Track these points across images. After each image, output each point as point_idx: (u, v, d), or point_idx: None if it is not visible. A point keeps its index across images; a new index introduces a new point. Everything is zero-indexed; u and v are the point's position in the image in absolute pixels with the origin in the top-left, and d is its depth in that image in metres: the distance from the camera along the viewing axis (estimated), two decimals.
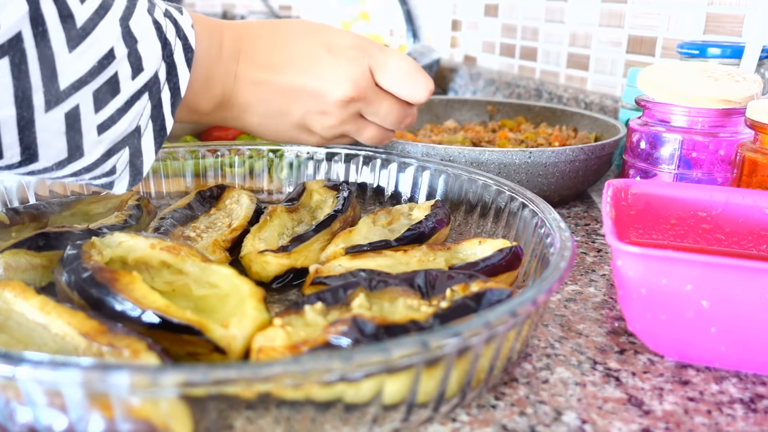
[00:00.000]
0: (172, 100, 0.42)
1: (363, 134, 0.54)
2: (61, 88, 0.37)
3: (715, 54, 0.63)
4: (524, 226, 0.48)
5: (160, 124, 0.42)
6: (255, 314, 0.35)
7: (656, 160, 0.57)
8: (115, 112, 0.39)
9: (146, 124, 0.41)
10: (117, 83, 0.39)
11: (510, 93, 1.13)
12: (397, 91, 0.51)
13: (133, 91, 0.40)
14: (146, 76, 0.40)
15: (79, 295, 0.36)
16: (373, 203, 0.62)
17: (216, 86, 0.47)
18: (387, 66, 0.50)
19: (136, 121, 0.41)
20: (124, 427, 0.26)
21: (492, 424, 0.32)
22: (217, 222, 0.52)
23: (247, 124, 0.51)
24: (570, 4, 1.02)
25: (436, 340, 0.27)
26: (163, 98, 0.42)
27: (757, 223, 0.43)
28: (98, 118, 0.39)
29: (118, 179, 0.42)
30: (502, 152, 0.59)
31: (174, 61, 0.42)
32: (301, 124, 0.51)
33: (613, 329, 0.42)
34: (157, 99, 0.41)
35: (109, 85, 0.39)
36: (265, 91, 0.49)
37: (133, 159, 0.42)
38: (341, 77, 0.49)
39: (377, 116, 0.52)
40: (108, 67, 0.38)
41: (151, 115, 0.41)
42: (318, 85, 0.49)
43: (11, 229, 0.47)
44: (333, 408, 0.28)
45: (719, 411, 0.34)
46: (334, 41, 0.50)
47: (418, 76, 0.51)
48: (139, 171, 0.42)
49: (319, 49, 0.50)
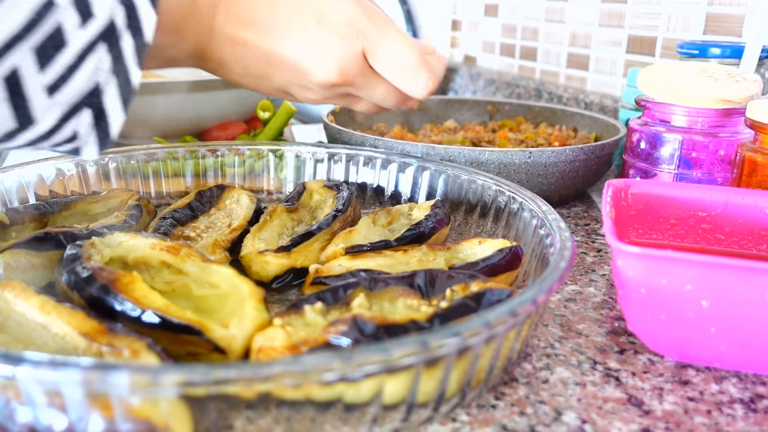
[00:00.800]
0: (136, 49, 0.36)
1: (356, 106, 0.50)
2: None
3: (715, 54, 0.63)
4: (524, 226, 0.48)
5: (124, 77, 0.36)
6: (255, 314, 0.35)
7: (656, 160, 0.57)
8: (65, 70, 0.34)
9: (107, 79, 0.36)
10: (62, 35, 0.33)
11: (510, 93, 1.13)
12: (392, 80, 0.46)
13: (85, 43, 0.34)
14: (99, 24, 0.35)
15: (79, 295, 0.36)
16: (373, 203, 0.62)
17: (188, 38, 0.43)
18: (384, 52, 0.45)
19: (93, 78, 0.35)
20: (124, 427, 0.26)
21: (492, 424, 0.32)
22: (217, 222, 0.52)
23: (226, 78, 0.48)
24: (570, 4, 1.02)
25: (436, 340, 0.27)
26: (124, 47, 0.36)
27: (757, 223, 0.43)
28: (45, 78, 0.34)
29: (83, 144, 0.37)
30: (502, 152, 0.59)
31: (133, 2, 0.36)
32: (282, 89, 0.48)
33: (613, 329, 0.42)
34: (117, 49, 0.36)
35: (52, 39, 0.33)
36: (243, 51, 0.45)
37: (97, 121, 0.36)
38: (326, 59, 0.44)
39: (372, 98, 0.48)
40: (47, 18, 0.33)
41: (112, 68, 0.36)
42: (299, 61, 0.44)
43: (11, 229, 0.47)
44: (333, 408, 0.28)
45: (719, 411, 0.34)
46: (327, 11, 0.45)
47: (418, 69, 0.46)
48: (107, 133, 0.37)
49: (309, 19, 0.44)
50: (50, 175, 0.56)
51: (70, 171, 0.57)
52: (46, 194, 0.55)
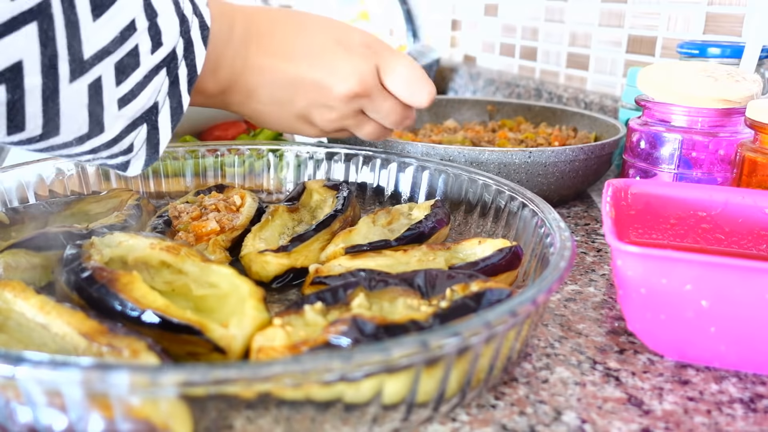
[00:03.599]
0: (188, 77, 0.42)
1: (362, 130, 0.54)
2: (85, 58, 0.36)
3: (715, 54, 0.63)
4: (524, 225, 0.48)
5: (177, 101, 0.42)
6: (255, 314, 0.35)
7: (656, 160, 0.57)
8: (135, 86, 0.39)
9: (164, 101, 0.41)
10: (137, 56, 0.39)
11: (510, 93, 1.13)
12: (400, 94, 0.52)
13: (152, 65, 0.39)
14: (165, 51, 0.40)
15: (78, 295, 0.36)
16: (373, 203, 0.62)
17: (224, 69, 0.47)
18: (394, 69, 0.51)
19: (154, 97, 0.40)
20: (124, 426, 0.26)
21: (492, 423, 0.32)
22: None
23: (249, 111, 0.51)
24: (570, 4, 1.02)
25: (436, 339, 0.27)
26: (180, 75, 0.41)
27: (756, 222, 0.43)
28: (119, 91, 0.38)
29: (134, 158, 0.42)
30: (502, 152, 0.59)
31: (191, 38, 0.42)
32: (303, 115, 0.52)
33: (613, 329, 0.42)
34: (174, 75, 0.41)
35: (130, 58, 0.38)
36: (271, 78, 0.49)
37: (151, 136, 0.41)
38: (348, 72, 0.49)
39: (378, 114, 0.53)
40: (129, 39, 0.38)
41: (168, 91, 0.41)
42: (325, 78, 0.49)
43: (11, 229, 0.47)
44: (333, 408, 0.28)
45: (719, 411, 0.34)
46: (346, 37, 0.51)
47: (423, 82, 0.52)
48: (156, 149, 0.42)
49: (330, 43, 0.50)
50: (50, 175, 0.56)
51: (70, 171, 0.57)
52: (46, 194, 0.55)
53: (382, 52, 0.51)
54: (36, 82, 0.35)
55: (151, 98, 0.40)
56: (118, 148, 0.41)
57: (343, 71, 0.49)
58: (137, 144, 0.41)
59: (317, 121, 0.52)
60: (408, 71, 0.51)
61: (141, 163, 0.42)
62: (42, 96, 0.36)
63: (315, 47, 0.49)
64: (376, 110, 0.52)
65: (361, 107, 0.52)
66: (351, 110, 0.52)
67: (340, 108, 0.51)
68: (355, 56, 0.50)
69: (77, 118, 0.37)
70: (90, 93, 0.37)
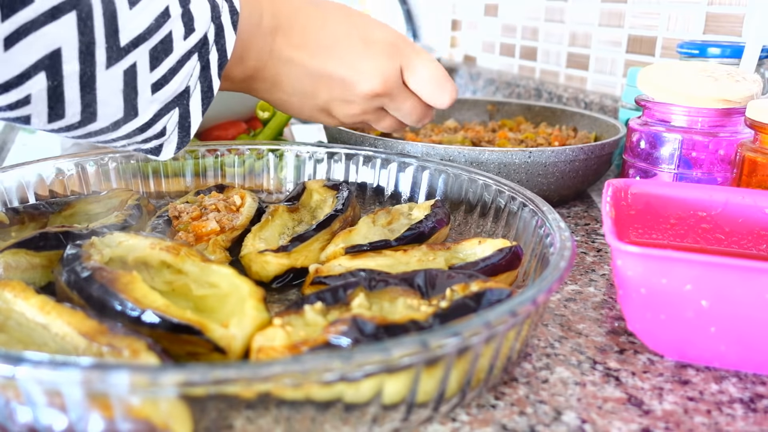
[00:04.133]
0: (219, 62, 0.43)
1: (380, 123, 0.56)
2: (121, 45, 0.37)
3: (715, 54, 0.63)
4: (524, 225, 0.48)
5: (207, 85, 0.43)
6: (255, 314, 0.35)
7: (656, 160, 0.57)
8: (167, 72, 0.40)
9: (195, 85, 0.42)
10: (171, 42, 0.40)
11: (510, 93, 1.13)
12: (422, 94, 0.53)
13: (185, 51, 0.41)
14: (197, 37, 0.41)
15: (79, 295, 0.36)
16: (373, 203, 0.62)
17: (251, 57, 0.48)
18: (417, 69, 0.52)
19: (186, 82, 0.41)
20: (124, 426, 0.26)
21: (492, 423, 0.32)
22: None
23: (273, 99, 0.53)
24: (570, 4, 1.01)
25: (436, 339, 0.27)
26: (210, 60, 0.43)
27: (756, 222, 0.43)
28: (153, 76, 0.40)
29: (167, 142, 0.43)
30: (502, 152, 0.59)
31: (222, 23, 0.43)
32: (324, 108, 0.53)
33: (613, 329, 0.42)
34: (205, 60, 0.42)
35: (163, 44, 0.39)
36: (296, 71, 0.50)
37: (182, 120, 0.43)
38: (372, 71, 0.50)
39: (399, 112, 0.54)
40: (164, 26, 0.39)
41: (199, 75, 0.42)
42: (349, 75, 0.50)
43: (11, 229, 0.47)
44: (333, 408, 0.28)
45: (719, 411, 0.34)
46: (371, 33, 0.51)
47: (445, 83, 0.53)
48: (187, 132, 0.44)
49: (355, 39, 0.51)
50: (50, 175, 0.56)
51: (70, 171, 0.57)
52: (46, 194, 0.55)
53: (406, 51, 0.52)
54: (74, 69, 0.36)
55: (183, 83, 0.41)
56: (151, 132, 0.42)
57: (367, 70, 0.50)
58: (170, 128, 0.42)
59: (338, 114, 0.54)
60: (431, 72, 0.52)
61: (173, 146, 0.44)
62: (80, 82, 0.37)
63: (340, 43, 0.50)
64: (396, 108, 0.54)
65: (382, 105, 0.53)
66: (372, 107, 0.53)
67: (361, 104, 0.52)
68: (380, 55, 0.51)
69: (113, 104, 0.39)
70: (125, 79, 0.38)
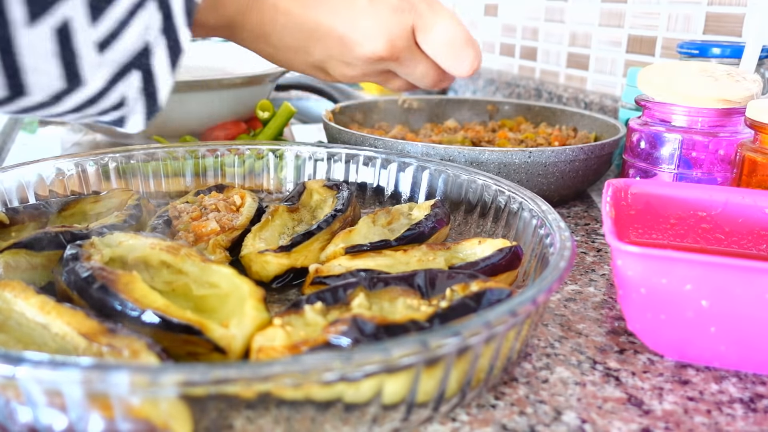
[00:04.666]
0: (186, 7, 0.35)
1: (388, 84, 0.50)
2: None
3: (715, 54, 0.63)
4: (524, 225, 0.48)
5: (173, 39, 0.35)
6: (255, 314, 0.35)
7: (656, 160, 0.57)
8: (116, 25, 0.32)
9: (157, 40, 0.34)
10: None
11: (510, 93, 1.13)
12: (438, 59, 0.45)
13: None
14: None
15: (79, 295, 0.36)
16: (373, 203, 0.62)
17: (227, 4, 0.41)
18: (433, 29, 0.44)
19: (143, 36, 0.33)
20: (124, 426, 0.26)
21: (492, 423, 0.32)
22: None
23: (258, 50, 0.46)
24: (570, 4, 1.02)
25: (435, 339, 0.27)
26: (173, 5, 0.34)
27: (756, 222, 0.43)
28: (95, 32, 0.31)
29: (130, 112, 0.35)
30: (502, 152, 0.59)
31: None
32: (319, 65, 0.46)
33: (613, 329, 0.42)
34: (166, 7, 0.34)
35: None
36: (286, 22, 0.43)
37: (146, 85, 0.35)
38: (376, 31, 0.43)
39: (410, 76, 0.47)
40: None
41: (162, 27, 0.34)
42: (348, 34, 0.43)
43: (11, 229, 0.47)
44: (333, 408, 0.28)
45: (719, 411, 0.34)
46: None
47: (466, 47, 0.45)
48: (155, 99, 0.35)
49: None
50: (50, 175, 0.56)
51: (70, 171, 0.57)
52: (46, 194, 0.55)
53: (420, 6, 0.44)
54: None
55: (140, 38, 0.33)
56: (106, 103, 0.34)
57: (370, 29, 0.43)
58: (131, 95, 0.34)
59: (335, 74, 0.47)
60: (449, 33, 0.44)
61: (140, 117, 0.36)
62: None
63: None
64: (407, 73, 0.47)
65: (388, 68, 0.46)
66: (375, 70, 0.46)
67: (362, 67, 0.45)
68: (386, 11, 0.43)
69: (47, 71, 0.31)
70: (58, 38, 0.30)
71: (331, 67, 0.46)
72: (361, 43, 0.43)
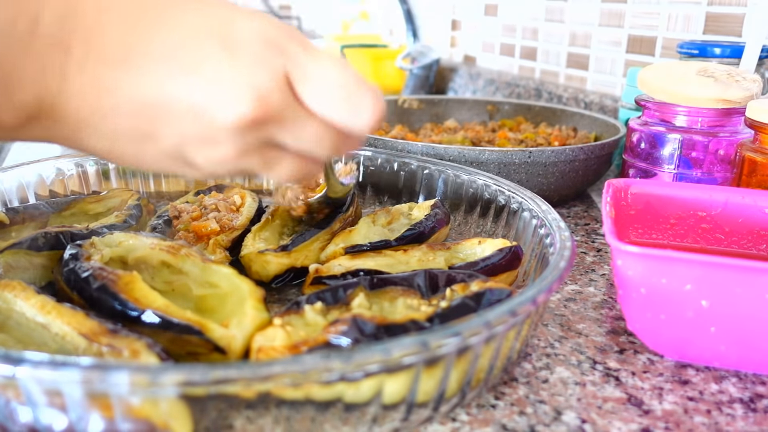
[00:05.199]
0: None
1: (275, 169, 0.35)
2: None
3: (715, 54, 0.63)
4: (524, 226, 0.48)
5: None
6: (255, 314, 0.35)
7: (656, 160, 0.57)
8: None
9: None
10: None
11: (510, 93, 1.13)
12: (328, 112, 0.33)
13: None
14: None
15: (79, 295, 0.36)
16: (373, 203, 0.62)
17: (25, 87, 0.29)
18: (312, 75, 0.32)
19: None
20: (124, 426, 0.26)
21: (492, 423, 0.32)
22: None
23: (89, 148, 0.33)
24: (570, 4, 1.02)
25: (436, 339, 0.27)
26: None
27: (756, 222, 0.43)
28: None
29: None
30: (502, 152, 0.59)
31: None
32: (174, 153, 0.33)
33: (613, 329, 0.42)
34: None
35: None
36: (113, 101, 0.30)
37: None
38: (238, 89, 0.31)
39: (300, 143, 0.34)
40: None
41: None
42: (199, 102, 0.31)
43: (11, 229, 0.47)
44: (333, 408, 0.28)
45: (719, 410, 0.34)
46: (234, 29, 0.32)
47: (360, 91, 0.33)
48: None
49: (207, 40, 0.31)
50: (50, 175, 0.56)
51: (70, 171, 0.57)
52: (46, 194, 0.55)
53: (292, 50, 0.32)
54: None
55: None
56: None
57: (230, 88, 0.31)
58: None
59: (199, 161, 0.33)
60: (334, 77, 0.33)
61: None
62: None
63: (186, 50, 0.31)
64: (294, 138, 0.34)
65: (269, 138, 0.33)
66: (251, 145, 0.33)
67: (231, 143, 0.32)
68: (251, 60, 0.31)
69: None
70: None
71: (190, 153, 0.32)
72: (221, 108, 0.31)
